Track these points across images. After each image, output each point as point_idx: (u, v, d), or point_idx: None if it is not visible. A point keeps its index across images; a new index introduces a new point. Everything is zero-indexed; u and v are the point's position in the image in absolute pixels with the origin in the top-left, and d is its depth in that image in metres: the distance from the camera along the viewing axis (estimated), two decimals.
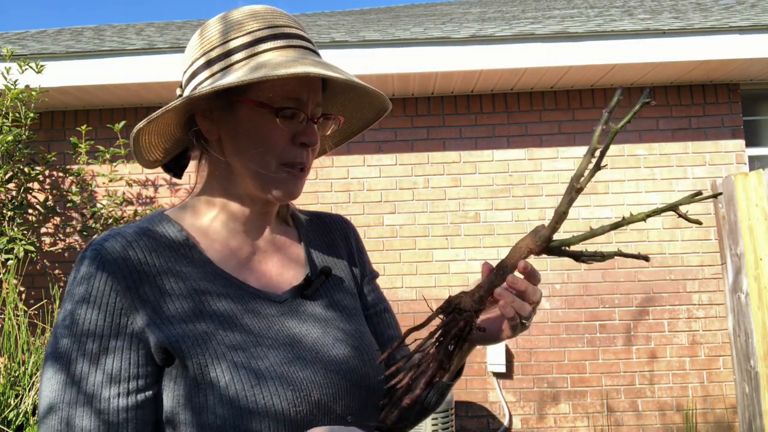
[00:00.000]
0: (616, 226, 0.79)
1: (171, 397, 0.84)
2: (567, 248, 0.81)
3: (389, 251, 4.49)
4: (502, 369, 4.33)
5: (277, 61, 0.85)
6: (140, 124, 0.88)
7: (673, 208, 0.75)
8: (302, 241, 1.05)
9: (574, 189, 0.77)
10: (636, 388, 4.38)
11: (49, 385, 0.83)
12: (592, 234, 0.79)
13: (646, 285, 4.45)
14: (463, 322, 0.79)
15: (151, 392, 0.84)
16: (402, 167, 4.60)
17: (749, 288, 4.09)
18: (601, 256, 0.79)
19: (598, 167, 0.76)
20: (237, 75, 0.84)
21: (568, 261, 4.44)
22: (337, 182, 4.54)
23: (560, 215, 0.79)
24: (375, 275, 1.15)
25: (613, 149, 4.52)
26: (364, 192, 4.56)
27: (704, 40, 4.12)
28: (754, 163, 4.64)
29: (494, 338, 0.92)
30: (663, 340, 4.41)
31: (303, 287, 0.97)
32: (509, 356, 4.41)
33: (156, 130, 0.93)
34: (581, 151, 4.53)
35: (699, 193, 0.76)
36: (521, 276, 0.85)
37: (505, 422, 4.36)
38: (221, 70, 0.88)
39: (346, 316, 0.99)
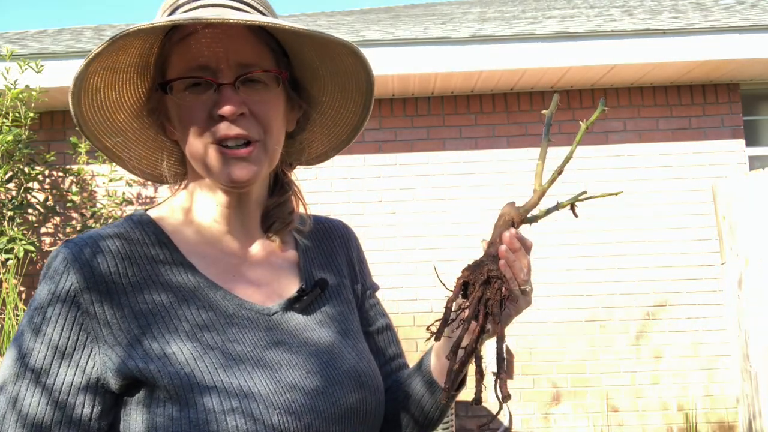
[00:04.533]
0: (575, 199, 0.88)
1: (138, 420, 0.77)
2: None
3: (389, 251, 4.49)
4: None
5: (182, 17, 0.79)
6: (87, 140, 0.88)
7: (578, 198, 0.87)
8: (297, 248, 0.96)
9: (559, 172, 0.86)
10: (636, 388, 4.38)
11: (6, 370, 0.78)
12: (556, 208, 0.88)
13: (646, 285, 4.44)
14: (501, 287, 0.83)
15: (103, 423, 0.78)
16: (402, 167, 4.59)
17: (749, 288, 4.09)
18: (570, 205, 0.88)
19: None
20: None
21: (568, 262, 4.44)
22: (337, 182, 4.54)
23: (543, 193, 0.86)
24: (375, 288, 1.06)
25: (613, 149, 4.53)
26: (364, 192, 4.56)
27: (704, 40, 4.12)
28: (754, 163, 4.64)
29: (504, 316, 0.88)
30: (663, 339, 4.40)
31: (295, 300, 0.88)
32: (509, 356, 4.41)
33: (138, 141, 0.91)
34: (581, 150, 4.53)
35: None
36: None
37: (505, 422, 4.36)
38: None
39: (342, 333, 0.91)
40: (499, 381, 0.78)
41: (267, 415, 0.75)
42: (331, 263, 0.98)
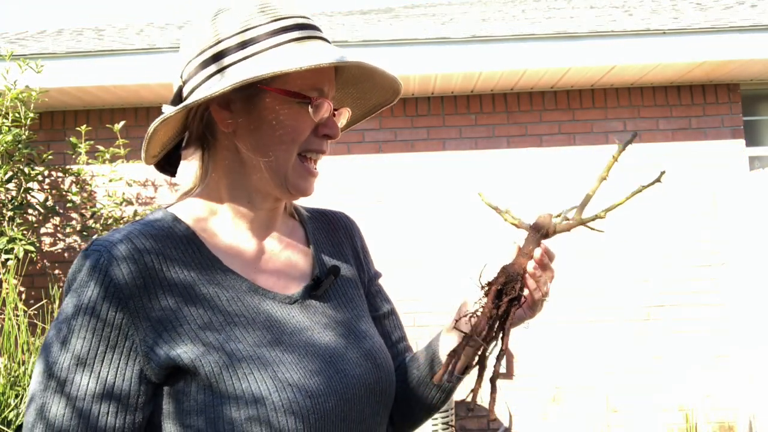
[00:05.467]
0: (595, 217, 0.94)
1: (181, 408, 0.81)
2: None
3: (389, 251, 4.48)
4: (502, 369, 4.33)
5: (315, 50, 0.85)
6: (163, 117, 0.85)
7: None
8: (309, 240, 1.02)
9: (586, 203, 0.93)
10: (637, 388, 4.38)
11: (35, 382, 0.81)
12: (588, 220, 0.94)
13: (647, 284, 4.45)
14: (519, 285, 0.88)
15: (141, 414, 0.81)
16: (402, 167, 4.59)
17: (749, 288, 4.09)
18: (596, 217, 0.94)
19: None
20: (280, 62, 0.81)
21: (568, 261, 4.44)
22: (337, 182, 4.54)
23: (579, 224, 0.92)
24: (379, 275, 1.13)
25: (613, 149, 4.52)
26: (364, 192, 4.56)
27: (704, 40, 4.12)
28: (754, 163, 4.64)
29: (519, 319, 0.96)
30: (663, 340, 4.40)
31: (312, 287, 0.95)
32: (509, 356, 4.41)
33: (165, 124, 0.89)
34: (581, 150, 4.53)
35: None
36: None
37: (506, 422, 4.36)
38: (243, 59, 0.85)
39: (356, 318, 0.98)
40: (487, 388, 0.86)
41: (300, 398, 0.81)
42: (340, 253, 1.05)
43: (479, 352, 0.87)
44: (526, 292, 0.92)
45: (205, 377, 0.79)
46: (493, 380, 0.86)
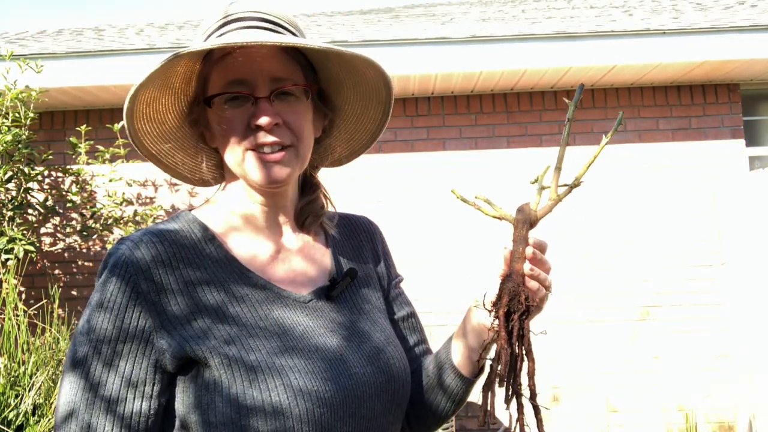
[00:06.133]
0: (572, 187, 0.92)
1: (188, 400, 0.85)
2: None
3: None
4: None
5: (237, 37, 0.88)
6: (124, 123, 0.95)
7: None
8: (328, 241, 1.05)
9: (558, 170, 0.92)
10: (636, 388, 4.38)
11: (68, 390, 0.84)
12: (566, 194, 0.93)
13: (646, 285, 4.44)
14: (524, 297, 0.86)
15: (162, 399, 0.85)
16: (402, 167, 4.59)
17: (749, 288, 4.09)
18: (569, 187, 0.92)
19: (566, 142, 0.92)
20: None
21: (568, 261, 4.44)
22: (336, 182, 4.54)
23: (558, 202, 0.90)
24: (400, 279, 1.15)
25: (613, 149, 4.52)
26: (364, 192, 4.56)
27: (704, 40, 4.12)
28: (754, 163, 4.64)
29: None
30: (663, 340, 4.40)
31: (328, 288, 0.97)
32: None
33: (180, 148, 1.00)
34: (581, 151, 4.52)
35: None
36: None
37: (506, 422, 4.36)
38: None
39: (371, 320, 0.99)
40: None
41: (309, 399, 0.83)
42: (359, 256, 1.08)
43: (510, 381, 0.86)
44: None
45: (227, 387, 0.82)
46: (533, 400, 0.86)
